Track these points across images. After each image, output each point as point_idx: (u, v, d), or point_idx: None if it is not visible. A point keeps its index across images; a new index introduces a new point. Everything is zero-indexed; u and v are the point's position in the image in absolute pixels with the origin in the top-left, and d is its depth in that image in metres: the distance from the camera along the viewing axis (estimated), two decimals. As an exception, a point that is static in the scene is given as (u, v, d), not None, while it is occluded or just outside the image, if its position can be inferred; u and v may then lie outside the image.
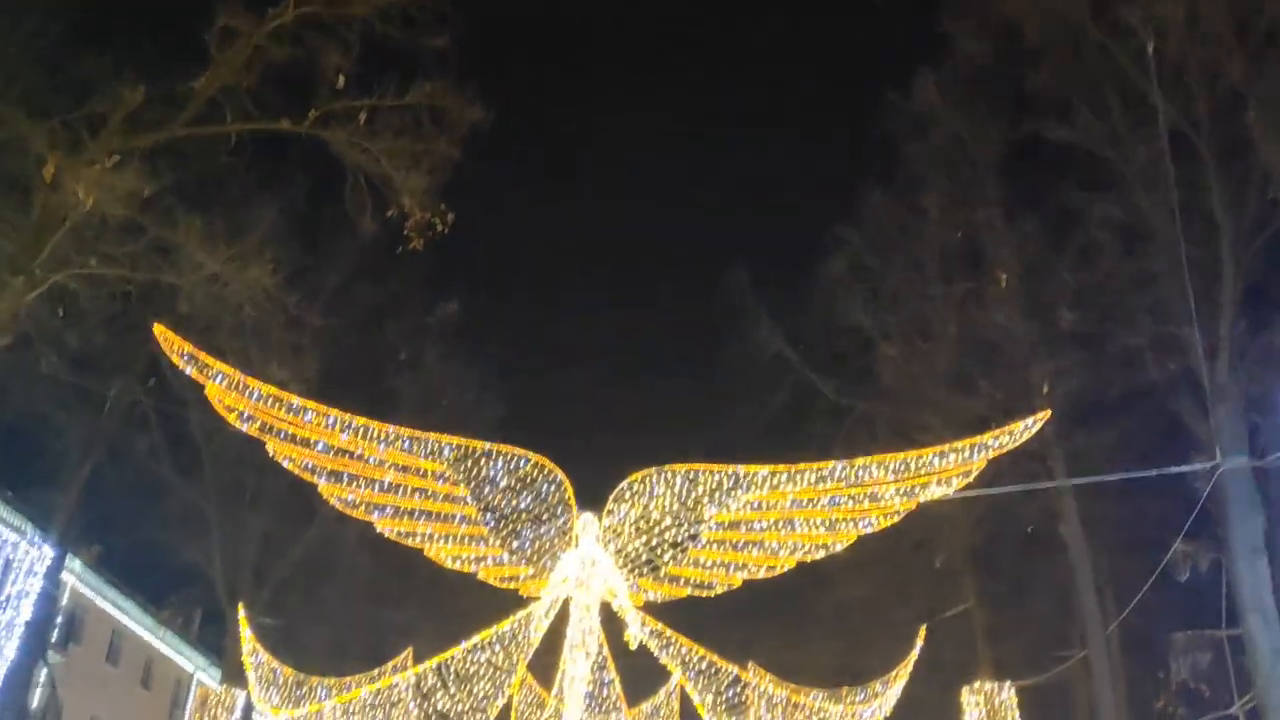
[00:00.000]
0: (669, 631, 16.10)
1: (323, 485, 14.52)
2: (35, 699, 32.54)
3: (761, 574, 15.29)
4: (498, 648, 15.81)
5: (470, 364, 32.60)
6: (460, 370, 32.24)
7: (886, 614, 26.74)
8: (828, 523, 14.67)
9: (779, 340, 27.66)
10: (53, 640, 35.00)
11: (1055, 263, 23.54)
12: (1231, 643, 24.54)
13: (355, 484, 14.54)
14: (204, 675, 41.37)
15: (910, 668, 21.97)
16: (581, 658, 15.17)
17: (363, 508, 14.79)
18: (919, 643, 22.12)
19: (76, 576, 36.71)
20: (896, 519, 14.59)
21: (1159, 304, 21.35)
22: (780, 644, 21.41)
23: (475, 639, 15.82)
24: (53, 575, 25.52)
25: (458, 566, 15.40)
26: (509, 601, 16.16)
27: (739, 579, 15.30)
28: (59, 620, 35.34)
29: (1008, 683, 22.74)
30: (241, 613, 21.56)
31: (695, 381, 53.87)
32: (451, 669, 16.26)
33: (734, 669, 16.93)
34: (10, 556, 16.12)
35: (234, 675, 22.58)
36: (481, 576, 15.50)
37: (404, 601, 28.21)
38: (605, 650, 16.20)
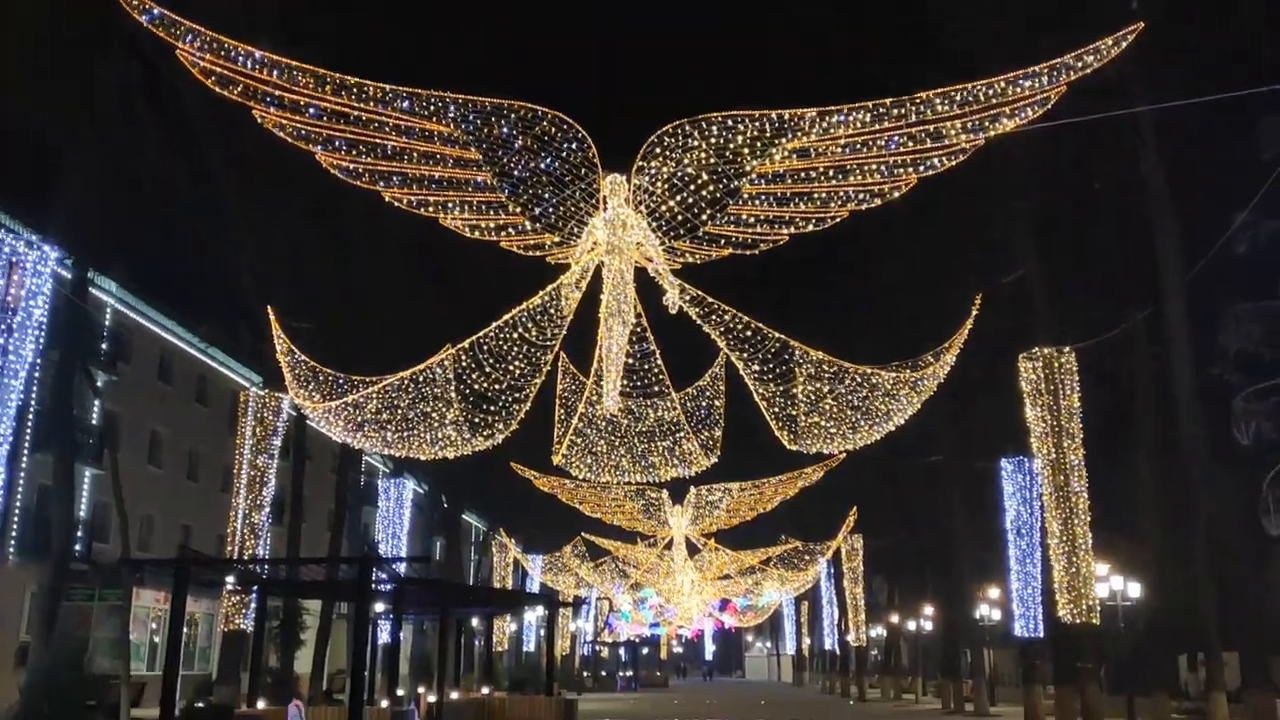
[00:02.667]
0: (709, 298, 15.03)
1: (321, 154, 13.16)
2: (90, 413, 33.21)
3: (810, 228, 13.94)
4: (530, 324, 14.91)
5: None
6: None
7: (936, 292, 25.64)
8: (885, 168, 13.14)
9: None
10: (101, 358, 35.34)
11: None
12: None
13: (357, 151, 13.16)
14: (257, 391, 42.33)
15: (964, 337, 21.15)
16: (618, 327, 14.22)
17: (367, 176, 13.50)
18: (974, 310, 21.18)
19: (114, 297, 36.67)
20: (961, 158, 13.00)
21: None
22: (825, 333, 20.43)
23: (506, 316, 14.92)
24: (77, 287, 24.92)
25: (477, 236, 14.22)
26: (538, 284, 15.22)
27: (785, 234, 14.01)
28: (104, 341, 35.59)
29: (1068, 347, 21.94)
30: (272, 314, 20.96)
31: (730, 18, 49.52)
32: (485, 348, 15.51)
33: (780, 336, 16.06)
34: (9, 258, 15.16)
35: (276, 380, 22.30)
36: (504, 245, 14.36)
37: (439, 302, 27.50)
38: (644, 321, 15.28)
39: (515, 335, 15.20)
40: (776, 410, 17.87)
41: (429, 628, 41.13)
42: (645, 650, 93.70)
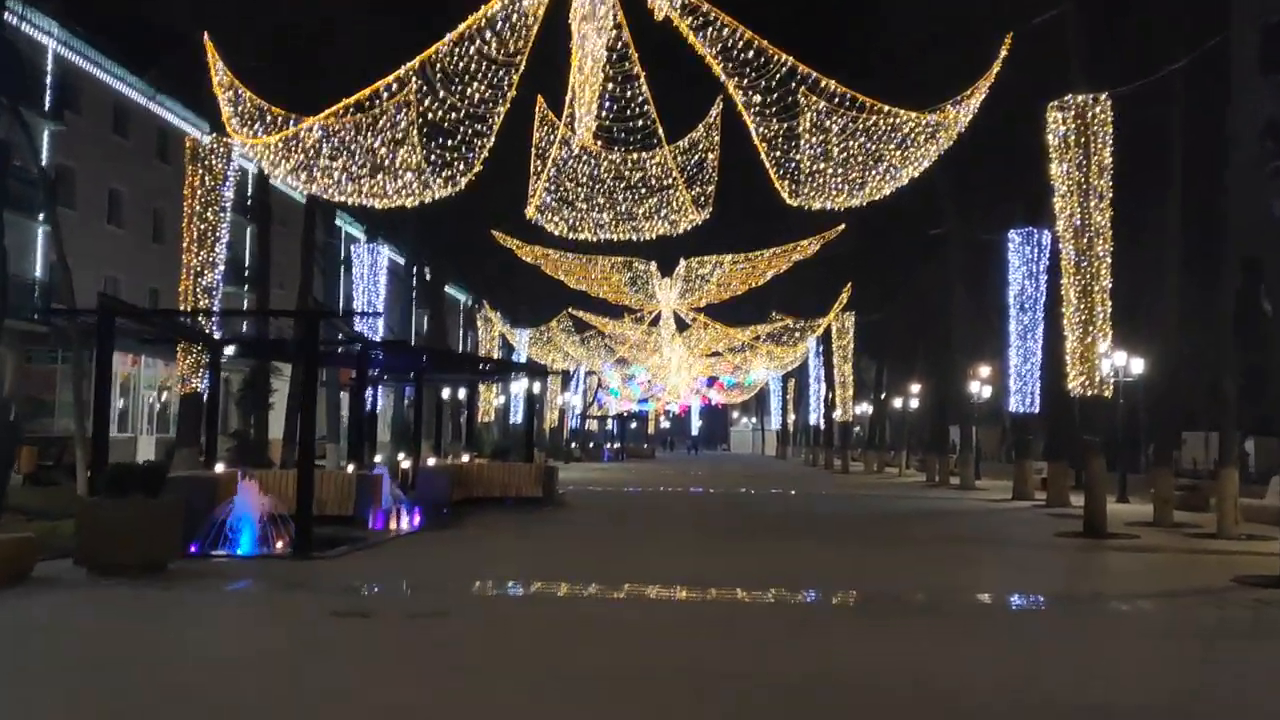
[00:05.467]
0: (706, 5, 12.64)
1: None
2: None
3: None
4: (489, 35, 12.60)
5: None
6: None
7: (960, 35, 23.00)
8: None
9: None
10: (45, 108, 32.69)
11: None
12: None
13: None
14: (203, 136, 39.72)
15: (991, 80, 18.83)
16: (594, 35, 11.94)
17: None
18: (1003, 52, 18.77)
19: (56, 40, 33.60)
20: None
21: None
22: (834, 69, 17.89)
23: (460, 28, 12.57)
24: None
25: None
26: None
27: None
28: (49, 87, 32.83)
29: (1104, 95, 19.62)
30: (208, 42, 18.43)
31: None
32: (439, 69, 13.24)
33: (788, 59, 13.77)
34: None
35: (220, 121, 19.95)
36: None
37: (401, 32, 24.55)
38: (626, 35, 12.95)
39: (472, 50, 12.93)
40: (778, 156, 15.81)
41: (412, 397, 40.31)
42: (633, 425, 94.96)
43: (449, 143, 14.73)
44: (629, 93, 14.37)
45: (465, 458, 29.14)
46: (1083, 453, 21.20)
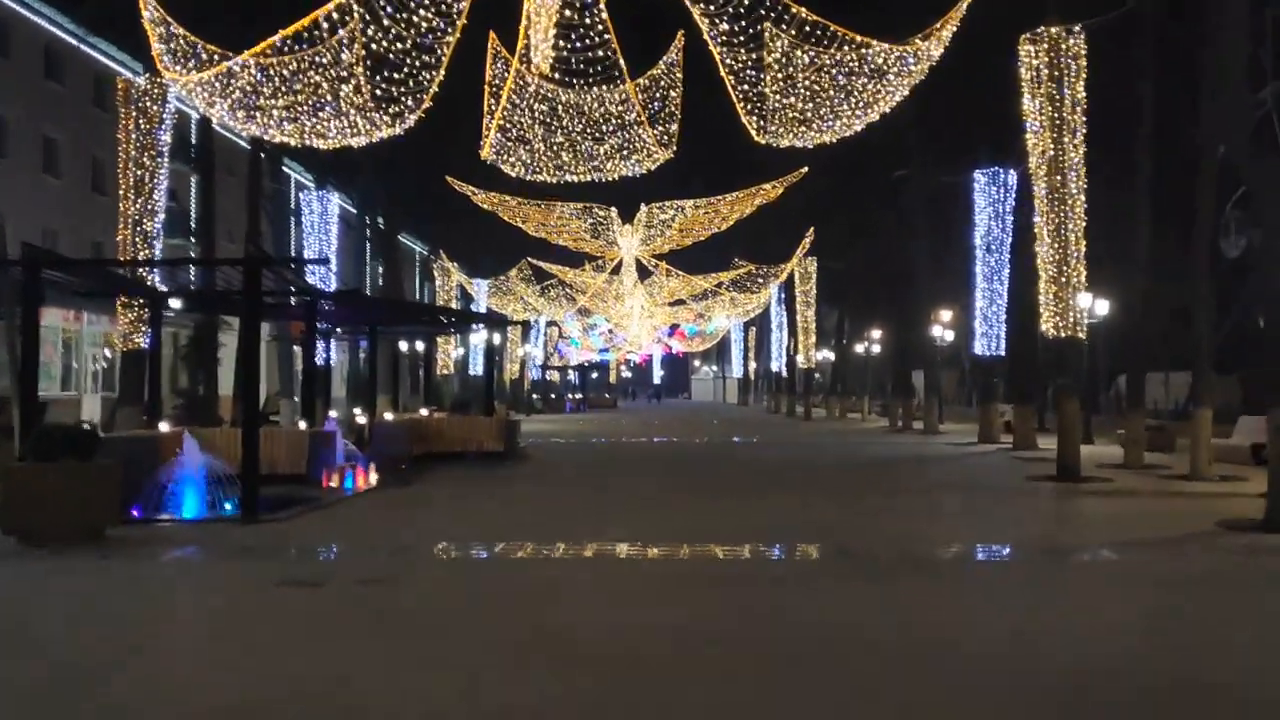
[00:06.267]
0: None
1: None
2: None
3: None
4: (436, -45, 11.65)
5: None
6: None
7: None
8: None
9: None
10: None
11: None
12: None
13: None
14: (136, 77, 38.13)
15: (962, 10, 18.12)
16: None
17: None
18: (974, -17, 18.04)
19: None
20: None
21: None
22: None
23: (405, -52, 11.61)
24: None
25: None
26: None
27: None
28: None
29: (1077, 26, 18.98)
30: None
31: None
32: (381, -5, 12.27)
33: (758, -18, 12.95)
34: None
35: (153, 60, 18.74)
36: None
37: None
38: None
39: (418, -28, 11.97)
40: (745, 90, 15.03)
41: (368, 351, 39.33)
42: (595, 375, 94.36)
43: (395, 76, 13.78)
44: (588, 20, 13.50)
45: (424, 412, 28.36)
46: (1056, 395, 20.83)
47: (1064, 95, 18.70)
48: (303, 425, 19.41)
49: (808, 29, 13.79)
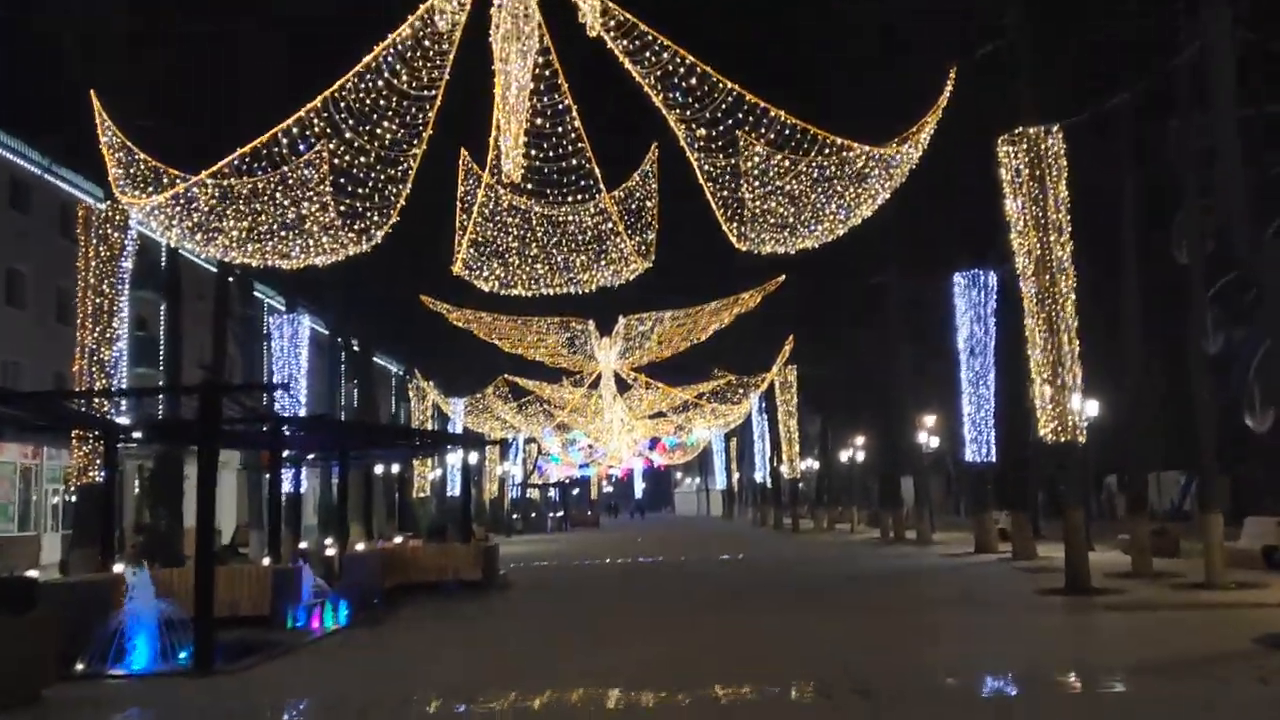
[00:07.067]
0: (643, 26, 11.31)
1: None
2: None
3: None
4: (399, 66, 11.13)
5: None
6: None
7: (908, 54, 22.15)
8: None
9: None
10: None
11: None
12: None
13: None
14: (97, 203, 37.74)
15: (939, 114, 17.90)
16: (518, 58, 10.51)
17: None
18: (948, 87, 17.87)
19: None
20: None
21: None
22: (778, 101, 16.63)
23: (365, 60, 11.09)
24: None
25: None
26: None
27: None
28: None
29: (1055, 126, 18.76)
30: (95, 100, 16.78)
31: None
32: (343, 106, 11.71)
33: (733, 87, 12.48)
34: None
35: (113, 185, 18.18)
36: None
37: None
38: (555, 62, 11.58)
39: (381, 84, 11.42)
40: (725, 196, 14.52)
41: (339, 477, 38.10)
42: (576, 491, 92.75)
43: (360, 191, 13.16)
44: (560, 129, 12.99)
45: (398, 539, 27.19)
46: (1059, 503, 20.00)
47: (1047, 195, 18.39)
48: (267, 561, 18.24)
49: (787, 132, 13.35)
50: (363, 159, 12.46)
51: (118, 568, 17.11)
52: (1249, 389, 35.28)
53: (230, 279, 29.59)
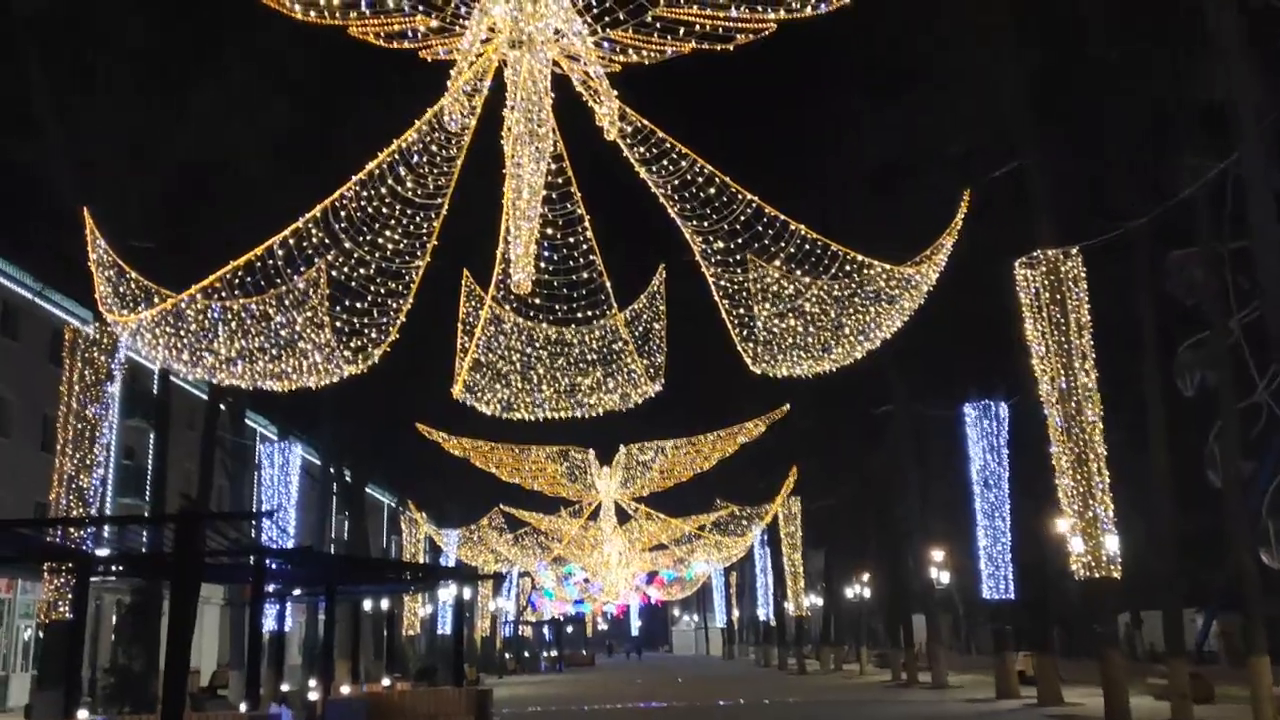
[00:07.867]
0: (660, 133, 10.80)
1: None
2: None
3: (808, 9, 9.86)
4: (403, 172, 10.57)
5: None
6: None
7: (922, 178, 21.90)
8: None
9: None
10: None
11: None
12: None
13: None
14: (83, 326, 37.14)
15: (955, 235, 17.44)
16: (530, 161, 9.93)
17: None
18: (963, 209, 17.48)
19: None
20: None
21: None
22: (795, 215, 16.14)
23: (369, 166, 10.53)
24: None
25: (317, 19, 9.79)
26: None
27: (772, 18, 9.89)
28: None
29: (1074, 248, 18.29)
30: (87, 216, 16.27)
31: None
32: (344, 215, 11.10)
33: (753, 199, 11.93)
34: None
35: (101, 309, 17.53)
36: (356, 33, 9.99)
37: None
38: (568, 168, 11.03)
39: (383, 191, 10.84)
40: (740, 314, 13.85)
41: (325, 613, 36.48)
42: (570, 628, 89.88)
43: (359, 305, 12.47)
44: (571, 239, 12.41)
45: (386, 681, 25.62)
46: (1097, 645, 18.76)
47: (1069, 319, 17.80)
48: (244, 708, 16.84)
49: (807, 247, 12.78)
50: (362, 270, 11.84)
51: (82, 714, 15.77)
52: (1263, 525, 34.27)
53: (221, 405, 28.74)
